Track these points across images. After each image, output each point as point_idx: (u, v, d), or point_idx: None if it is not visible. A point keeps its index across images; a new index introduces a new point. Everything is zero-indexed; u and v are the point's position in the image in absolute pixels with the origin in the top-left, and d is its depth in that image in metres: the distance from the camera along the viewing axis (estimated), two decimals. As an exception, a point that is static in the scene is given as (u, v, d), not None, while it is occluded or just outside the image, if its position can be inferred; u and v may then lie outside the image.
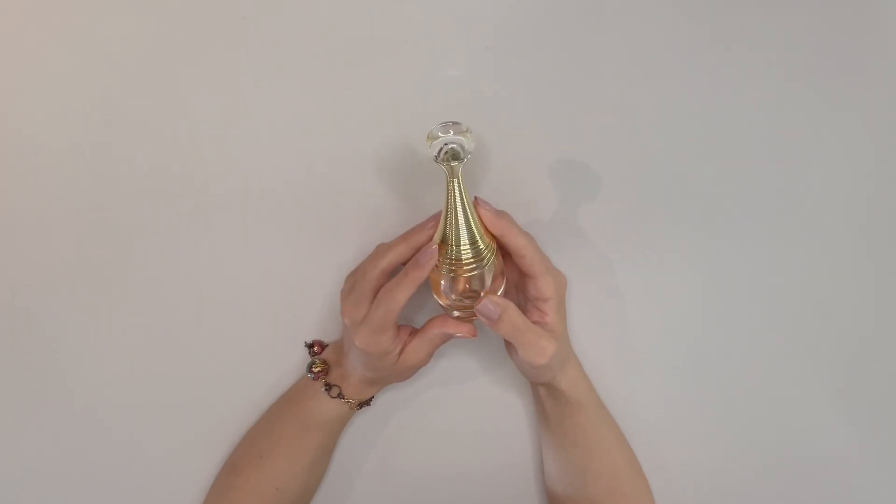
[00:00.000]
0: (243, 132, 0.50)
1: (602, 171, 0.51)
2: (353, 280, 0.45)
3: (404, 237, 0.44)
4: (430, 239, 0.43)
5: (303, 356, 0.51)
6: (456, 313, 0.45)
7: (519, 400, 0.53)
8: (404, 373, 0.47)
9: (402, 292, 0.42)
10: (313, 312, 0.52)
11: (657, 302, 0.52)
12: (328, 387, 0.48)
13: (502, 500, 0.53)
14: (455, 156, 0.39)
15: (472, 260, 0.41)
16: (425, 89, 0.50)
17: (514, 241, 0.43)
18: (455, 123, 0.39)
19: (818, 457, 0.52)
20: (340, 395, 0.48)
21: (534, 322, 0.44)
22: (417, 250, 0.43)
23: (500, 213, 0.43)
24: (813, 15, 0.50)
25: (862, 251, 0.52)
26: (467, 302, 0.44)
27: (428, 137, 0.39)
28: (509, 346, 0.47)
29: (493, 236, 0.43)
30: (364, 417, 0.53)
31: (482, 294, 0.43)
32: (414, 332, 0.46)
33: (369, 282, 0.43)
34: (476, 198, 0.43)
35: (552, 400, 0.48)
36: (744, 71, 0.50)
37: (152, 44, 0.50)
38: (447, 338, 0.46)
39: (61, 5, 0.49)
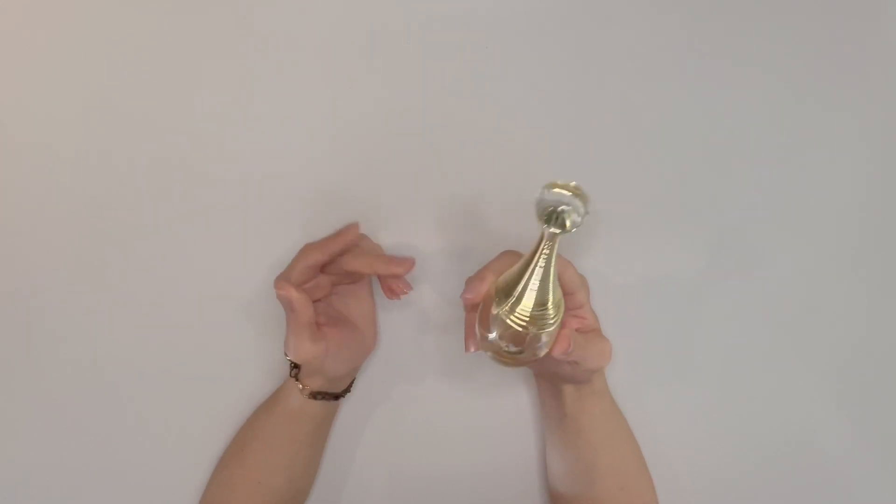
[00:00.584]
0: (242, 132, 0.50)
1: (602, 172, 0.51)
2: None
3: (325, 243, 0.46)
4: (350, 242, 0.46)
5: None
6: (489, 354, 0.43)
7: (521, 398, 0.53)
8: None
9: (314, 251, 0.45)
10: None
11: (657, 301, 0.52)
12: (294, 366, 0.47)
13: (503, 500, 0.53)
14: (565, 224, 0.33)
15: (550, 312, 0.38)
16: (425, 90, 0.50)
17: (569, 281, 0.42)
18: (576, 188, 0.33)
19: (819, 455, 0.53)
20: (297, 377, 0.47)
21: (577, 329, 0.43)
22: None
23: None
24: (812, 17, 0.50)
25: (861, 251, 0.52)
26: (511, 349, 0.41)
27: (545, 191, 0.33)
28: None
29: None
30: (362, 416, 0.53)
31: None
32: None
33: (297, 274, 0.45)
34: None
35: (576, 395, 0.47)
36: (744, 73, 0.50)
37: (152, 44, 0.50)
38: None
39: (61, 5, 0.49)
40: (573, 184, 0.33)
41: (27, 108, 0.50)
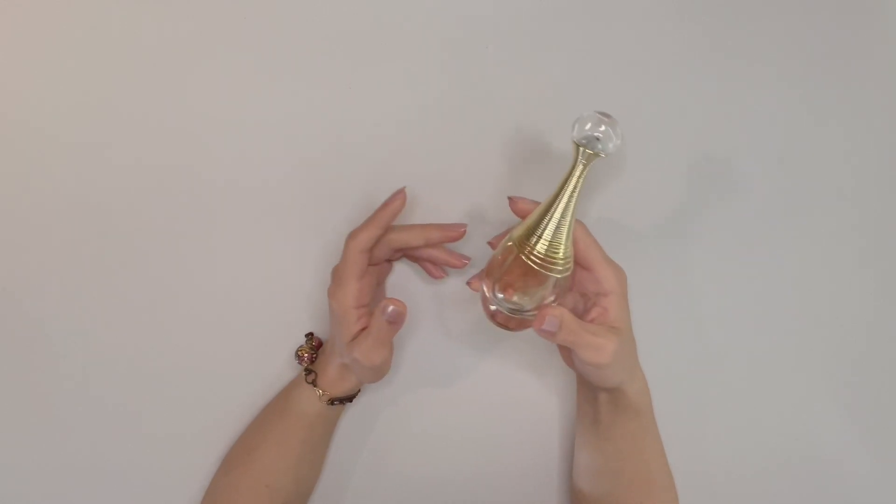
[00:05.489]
0: (243, 132, 0.50)
1: (604, 171, 0.51)
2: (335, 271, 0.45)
3: (373, 218, 0.44)
4: (395, 213, 0.44)
5: (300, 356, 0.51)
6: (492, 307, 0.42)
7: (525, 401, 0.53)
8: (367, 373, 0.45)
9: (363, 231, 0.43)
10: (311, 311, 0.52)
11: (659, 302, 0.52)
12: (308, 372, 0.47)
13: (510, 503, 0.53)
14: (597, 146, 0.37)
15: (559, 260, 0.39)
16: (425, 90, 0.50)
17: (594, 261, 0.41)
18: (610, 118, 0.37)
19: (820, 456, 0.53)
20: (314, 383, 0.47)
21: (591, 320, 0.42)
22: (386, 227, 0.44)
23: None
24: (815, 14, 0.50)
25: (863, 250, 0.52)
26: (512, 302, 0.41)
27: (579, 119, 0.37)
28: (565, 351, 0.45)
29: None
30: (364, 417, 0.53)
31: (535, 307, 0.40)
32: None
33: (351, 264, 0.43)
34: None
35: (611, 406, 0.45)
36: (745, 70, 0.50)
37: (153, 43, 0.50)
38: (394, 320, 0.42)
39: (62, 5, 0.49)
40: (597, 111, 0.37)
41: (28, 108, 0.50)
